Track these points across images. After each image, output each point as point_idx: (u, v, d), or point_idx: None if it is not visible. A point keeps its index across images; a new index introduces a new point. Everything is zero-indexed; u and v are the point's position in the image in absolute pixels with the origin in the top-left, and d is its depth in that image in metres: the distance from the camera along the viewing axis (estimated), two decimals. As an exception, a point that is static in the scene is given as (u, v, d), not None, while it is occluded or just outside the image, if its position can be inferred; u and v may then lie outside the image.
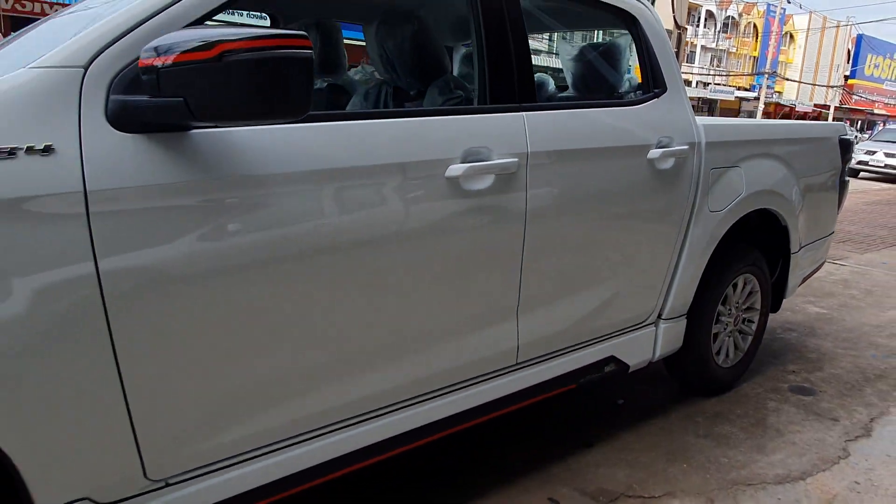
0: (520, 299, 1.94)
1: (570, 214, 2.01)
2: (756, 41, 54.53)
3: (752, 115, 38.95)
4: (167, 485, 1.38)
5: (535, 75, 2.09)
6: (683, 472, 2.30)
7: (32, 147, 1.12)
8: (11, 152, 1.10)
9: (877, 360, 3.47)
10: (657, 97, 2.35)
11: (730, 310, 2.86)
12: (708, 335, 2.75)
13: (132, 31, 1.27)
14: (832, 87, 48.92)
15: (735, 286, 2.85)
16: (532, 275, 1.94)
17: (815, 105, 48.50)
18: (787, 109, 44.89)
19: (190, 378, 1.35)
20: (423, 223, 1.65)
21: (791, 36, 54.66)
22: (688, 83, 51.04)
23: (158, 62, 1.15)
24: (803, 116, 42.99)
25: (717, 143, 2.51)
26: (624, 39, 2.50)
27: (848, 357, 3.49)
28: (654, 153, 2.23)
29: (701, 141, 2.43)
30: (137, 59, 1.21)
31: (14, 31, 2.42)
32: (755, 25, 53.42)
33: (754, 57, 54.62)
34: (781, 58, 52.52)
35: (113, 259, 1.19)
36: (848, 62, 53.02)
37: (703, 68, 52.61)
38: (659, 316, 2.50)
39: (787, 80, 50.99)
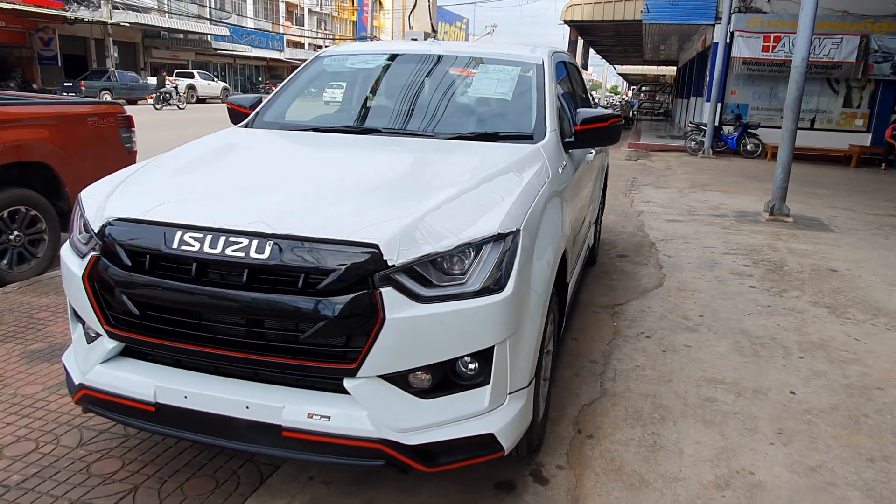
0: (590, 208, 4.06)
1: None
2: (353, 5, 60.21)
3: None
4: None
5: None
6: (620, 294, 4.74)
7: (564, 165, 2.87)
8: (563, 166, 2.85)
9: (632, 239, 6.48)
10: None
11: (598, 217, 5.39)
12: (599, 232, 5.23)
13: (552, 113, 3.02)
14: (420, 50, 57.25)
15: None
16: (592, 196, 4.07)
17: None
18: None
19: (573, 209, 3.17)
20: (587, 173, 3.69)
21: (380, 3, 61.71)
22: (300, 45, 54.34)
23: (583, 127, 2.96)
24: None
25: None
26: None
27: (620, 241, 6.43)
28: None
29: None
30: (560, 122, 3.00)
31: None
32: (351, -9, 58.91)
33: (353, 21, 60.37)
34: (375, 22, 59.41)
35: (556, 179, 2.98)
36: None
37: (312, 31, 56.00)
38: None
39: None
